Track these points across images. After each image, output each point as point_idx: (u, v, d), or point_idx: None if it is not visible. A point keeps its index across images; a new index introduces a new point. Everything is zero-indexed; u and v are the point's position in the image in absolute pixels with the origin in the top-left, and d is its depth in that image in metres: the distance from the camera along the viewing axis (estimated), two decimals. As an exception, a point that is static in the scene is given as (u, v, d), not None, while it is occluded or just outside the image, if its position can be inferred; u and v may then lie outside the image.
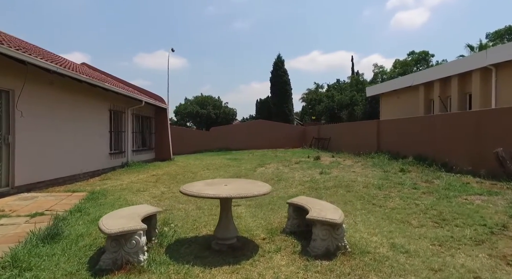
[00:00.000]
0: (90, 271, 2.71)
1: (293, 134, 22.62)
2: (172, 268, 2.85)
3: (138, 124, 13.46)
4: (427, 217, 4.42)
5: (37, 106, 6.97)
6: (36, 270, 2.71)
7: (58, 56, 11.07)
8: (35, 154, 6.85)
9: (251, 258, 3.11)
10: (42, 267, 2.77)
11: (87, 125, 9.02)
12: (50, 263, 2.84)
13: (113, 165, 10.58)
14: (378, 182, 6.99)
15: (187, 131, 23.91)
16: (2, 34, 7.58)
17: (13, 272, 2.69)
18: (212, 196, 3.03)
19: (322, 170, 8.97)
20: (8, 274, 2.67)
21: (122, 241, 2.76)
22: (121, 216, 3.11)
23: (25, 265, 2.78)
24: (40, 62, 6.15)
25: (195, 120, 52.98)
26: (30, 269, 2.76)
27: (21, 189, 6.48)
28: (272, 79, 40.33)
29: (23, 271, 2.72)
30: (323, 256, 3.12)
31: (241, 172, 9.93)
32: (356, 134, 14.93)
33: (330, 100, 36.19)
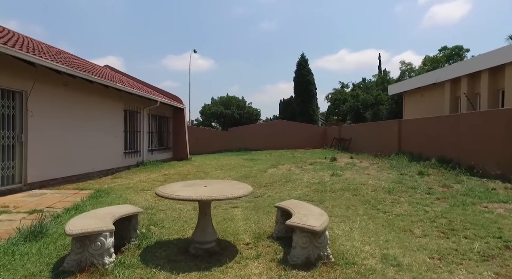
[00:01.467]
0: (53, 273, 2.66)
1: (314, 135, 22.11)
2: (138, 272, 2.74)
3: (155, 124, 13.73)
4: (434, 226, 4.00)
5: (50, 107, 7.25)
6: (1, 270, 2.71)
7: (84, 61, 11.56)
8: (47, 152, 7.12)
9: (225, 265, 2.93)
10: (8, 267, 2.77)
11: (101, 125, 9.28)
12: (18, 263, 2.84)
13: (128, 164, 10.84)
14: (390, 185, 6.53)
15: (206, 132, 24.15)
16: (25, 38, 7.99)
17: None
18: (182, 197, 2.88)
19: (334, 172, 8.58)
20: None
21: (87, 242, 2.69)
22: (94, 216, 3.05)
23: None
24: (49, 64, 6.37)
25: (219, 121, 53.59)
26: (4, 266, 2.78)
27: (34, 186, 6.76)
28: (296, 79, 39.85)
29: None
30: (303, 266, 2.87)
31: (251, 173, 9.76)
32: (377, 135, 14.25)
33: (355, 99, 35.01)
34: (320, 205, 5.33)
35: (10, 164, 6.45)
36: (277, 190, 6.79)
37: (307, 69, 39.50)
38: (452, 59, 31.78)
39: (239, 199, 5.21)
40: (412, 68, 35.79)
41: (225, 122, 51.76)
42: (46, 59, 6.46)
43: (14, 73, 6.35)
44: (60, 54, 9.43)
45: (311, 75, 39.88)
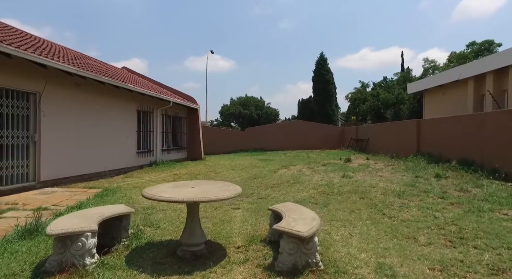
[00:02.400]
0: (34, 272, 2.67)
1: (331, 135, 21.63)
2: (119, 273, 2.70)
3: (169, 124, 13.91)
4: (441, 234, 3.70)
5: (62, 107, 7.47)
6: (-8, 266, 2.76)
7: (102, 63, 11.91)
8: (60, 151, 7.35)
9: (208, 269, 2.83)
10: (-3, 263, 2.82)
11: (113, 125, 9.49)
12: (4, 262, 2.88)
13: (141, 163, 11.03)
14: (401, 188, 6.19)
15: (222, 132, 24.26)
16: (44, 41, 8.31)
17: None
18: (164, 199, 2.81)
19: (345, 173, 8.29)
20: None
21: (68, 243, 2.68)
22: (80, 216, 3.05)
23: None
24: (59, 65, 6.56)
25: (237, 121, 53.82)
26: (-11, 264, 2.83)
27: (47, 184, 6.99)
28: (315, 78, 39.30)
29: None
30: (289, 273, 2.72)
31: (261, 173, 9.63)
32: (395, 135, 13.68)
33: (375, 99, 33.97)
34: (324, 207, 5.14)
35: (25, 163, 6.70)
36: (283, 192, 6.63)
37: (326, 68, 38.87)
38: (481, 55, 30.07)
39: (224, 201, 5.15)
40: (436, 66, 34.26)
41: (243, 122, 51.91)
42: (57, 61, 6.66)
43: (28, 75, 6.60)
44: (77, 57, 9.74)
45: (331, 75, 39.20)
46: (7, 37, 6.39)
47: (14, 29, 8.62)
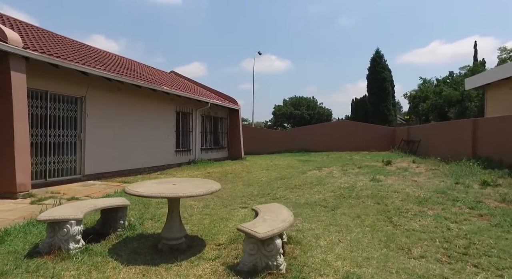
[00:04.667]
0: (29, 252, 3.10)
1: (381, 136, 20.27)
2: (96, 259, 2.98)
3: (210, 125, 14.53)
4: (443, 247, 3.27)
5: (105, 109, 8.38)
6: (4, 244, 3.29)
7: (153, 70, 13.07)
8: (102, 149, 8.26)
9: (175, 263, 2.95)
10: (8, 242, 3.33)
11: (152, 125, 10.30)
12: (15, 240, 3.39)
13: (179, 161, 11.75)
14: (427, 195, 5.58)
15: (267, 132, 24.43)
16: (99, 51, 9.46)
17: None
18: (136, 193, 3.01)
19: (375, 177, 7.75)
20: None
21: (56, 228, 3.05)
22: (75, 206, 3.44)
23: (1, 237, 3.42)
24: (99, 72, 7.38)
25: (289, 121, 53.57)
26: (3, 242, 3.37)
27: (90, 177, 7.92)
28: (369, 76, 37.28)
29: (1, 239, 3.36)
30: (247, 273, 2.70)
31: (290, 174, 9.52)
32: (448, 137, 12.26)
33: (437, 97, 30.75)
34: (330, 211, 4.91)
35: (72, 158, 7.70)
36: (300, 193, 6.48)
37: (383, 65, 36.55)
38: None
39: (197, 197, 5.27)
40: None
41: (295, 123, 51.48)
42: (99, 69, 7.51)
43: (74, 82, 7.55)
44: (127, 64, 10.84)
45: (387, 72, 36.75)
46: (64, 52, 7.43)
47: (92, 49, 10.01)
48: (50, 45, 7.53)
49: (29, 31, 8.12)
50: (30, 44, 6.56)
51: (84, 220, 4.15)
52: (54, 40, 8.53)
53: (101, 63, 8.56)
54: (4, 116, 5.81)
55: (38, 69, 6.54)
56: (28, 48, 6.13)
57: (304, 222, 4.35)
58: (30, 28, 8.76)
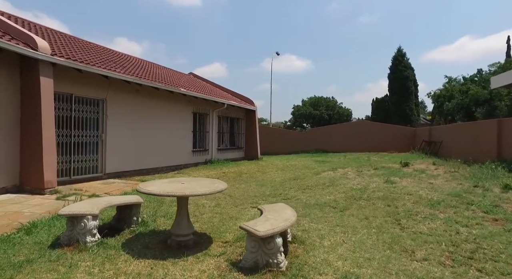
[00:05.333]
0: (52, 243, 3.37)
1: (401, 137, 19.76)
2: (110, 252, 3.20)
3: (227, 125, 14.78)
4: (448, 251, 3.24)
5: (125, 111, 8.77)
6: (32, 235, 3.59)
7: (171, 71, 13.49)
8: (122, 148, 8.65)
9: (182, 258, 3.12)
10: (36, 233, 3.64)
11: (170, 126, 10.64)
12: (41, 232, 3.69)
13: (196, 161, 12.05)
14: (441, 198, 5.47)
15: (285, 133, 24.42)
16: (118, 54, 9.92)
17: (18, 234, 3.64)
18: (146, 191, 3.20)
19: (390, 179, 7.65)
20: (17, 235, 3.64)
21: (75, 222, 3.30)
22: (92, 203, 3.69)
23: (30, 228, 3.73)
24: (118, 75, 7.75)
25: (308, 121, 53.15)
26: (30, 233, 3.68)
27: (110, 176, 8.32)
28: (391, 75, 36.43)
29: (27, 230, 3.68)
30: (249, 270, 2.82)
31: (304, 175, 9.54)
32: (472, 138, 11.81)
33: (464, 96, 29.47)
34: (339, 212, 4.94)
35: (95, 157, 8.12)
36: (312, 194, 6.52)
37: (405, 63, 35.60)
38: None
39: (205, 196, 5.40)
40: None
41: (313, 123, 51.00)
42: (119, 73, 7.89)
43: (97, 85, 7.97)
44: (146, 67, 11.27)
45: (410, 71, 35.74)
46: (88, 57, 7.88)
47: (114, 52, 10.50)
48: (75, 50, 8.00)
49: (58, 38, 8.65)
50: (58, 50, 7.01)
51: (102, 216, 4.46)
52: (79, 45, 9.04)
53: (121, 66, 8.97)
54: (33, 118, 6.25)
55: (64, 73, 6.97)
56: (55, 54, 6.56)
57: (311, 222, 4.41)
58: (59, 35, 9.32)
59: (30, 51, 6.02)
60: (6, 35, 6.13)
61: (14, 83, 6.33)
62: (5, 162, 6.16)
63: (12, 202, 5.61)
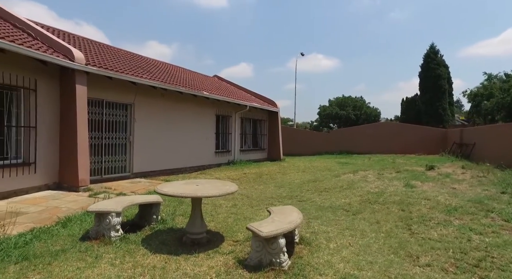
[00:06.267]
0: (82, 236, 3.78)
1: (430, 139, 18.99)
2: (130, 246, 3.54)
3: (249, 127, 15.06)
4: (455, 258, 3.24)
5: (151, 114, 9.31)
6: (66, 228, 4.05)
7: (197, 75, 14.05)
8: (148, 150, 9.18)
9: (194, 254, 3.38)
10: (69, 227, 4.09)
11: (193, 128, 11.09)
12: (73, 226, 4.13)
13: (219, 162, 12.44)
14: (460, 204, 5.34)
15: (308, 134, 24.32)
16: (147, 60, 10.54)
17: (56, 226, 4.11)
18: (162, 192, 3.50)
19: (410, 183, 7.51)
20: (55, 227, 4.11)
21: (101, 219, 3.68)
22: (117, 201, 4.07)
23: (65, 222, 4.20)
24: (145, 81, 8.26)
25: (334, 122, 52.30)
26: (66, 226, 4.14)
27: (137, 175, 8.88)
28: (422, 73, 34.98)
29: (63, 224, 4.14)
30: (253, 268, 3.02)
31: (324, 177, 9.58)
32: (506, 140, 11.16)
33: (505, 94, 27.56)
34: (351, 215, 5.00)
35: (123, 158, 8.71)
36: (327, 197, 6.59)
37: (438, 61, 34.05)
38: None
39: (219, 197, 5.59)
40: None
41: (340, 123, 50.12)
42: (145, 78, 8.41)
43: (126, 90, 8.54)
44: (171, 71, 11.83)
45: (443, 68, 34.13)
46: (118, 64, 8.48)
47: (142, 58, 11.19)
48: (106, 59, 8.63)
49: (92, 47, 9.37)
50: (91, 60, 7.63)
51: (126, 213, 4.87)
52: (110, 53, 9.71)
53: (148, 72, 9.52)
54: (70, 122, 6.87)
55: (96, 80, 7.57)
56: (89, 64, 7.15)
57: (322, 224, 4.52)
58: (93, 44, 10.08)
59: (68, 62, 6.63)
60: (50, 48, 6.79)
61: (55, 90, 6.99)
62: (47, 162, 6.82)
63: (53, 197, 6.22)
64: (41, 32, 7.28)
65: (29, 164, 6.46)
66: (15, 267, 2.99)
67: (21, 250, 3.34)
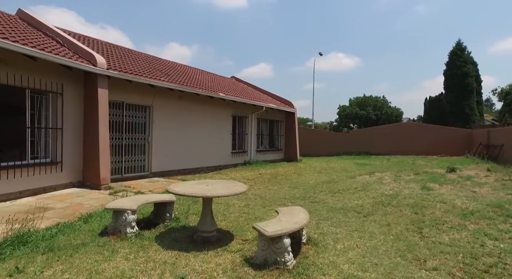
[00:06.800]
0: (101, 231, 4.02)
1: (455, 140, 18.32)
2: (145, 242, 3.73)
3: (266, 127, 15.16)
4: (464, 263, 3.18)
5: (169, 115, 9.62)
6: (87, 223, 4.32)
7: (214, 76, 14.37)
8: (165, 150, 9.50)
9: (203, 252, 3.52)
10: (90, 223, 4.36)
11: (211, 128, 11.33)
12: (94, 222, 4.40)
13: (235, 162, 12.62)
14: (478, 208, 5.19)
15: (327, 134, 24.10)
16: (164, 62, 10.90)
17: (78, 222, 4.40)
18: (174, 192, 3.67)
19: (427, 185, 7.34)
20: (78, 223, 4.40)
21: (118, 216, 3.91)
22: (132, 199, 4.30)
23: (86, 218, 4.48)
24: (163, 84, 8.56)
25: (354, 122, 51.35)
26: (87, 222, 4.42)
27: (156, 174, 9.20)
28: (447, 71, 33.64)
29: (85, 219, 4.42)
30: (259, 266, 3.12)
31: (338, 178, 9.52)
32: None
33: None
34: (362, 217, 5.00)
35: (142, 158, 9.06)
36: (340, 198, 6.58)
37: (465, 58, 32.67)
38: None
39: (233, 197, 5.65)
40: None
41: (360, 123, 49.15)
42: (163, 81, 8.71)
43: (145, 93, 8.88)
44: (189, 73, 12.15)
45: (471, 66, 32.71)
46: (137, 68, 8.85)
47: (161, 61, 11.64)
48: (127, 62, 9.02)
49: (114, 52, 9.81)
50: (112, 64, 8.01)
51: (143, 211, 5.10)
52: (130, 57, 10.13)
53: (166, 75, 9.84)
54: (92, 124, 7.26)
55: (117, 84, 7.93)
56: (110, 68, 7.52)
57: (331, 226, 4.55)
58: (115, 48, 10.54)
59: (91, 67, 7.01)
60: (75, 54, 7.21)
61: (80, 94, 7.41)
62: (72, 161, 7.24)
63: (77, 195, 6.61)
64: (67, 39, 7.74)
65: (56, 163, 6.89)
66: (42, 257, 3.26)
67: (47, 242, 3.63)
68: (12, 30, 6.43)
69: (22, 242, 3.57)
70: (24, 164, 6.34)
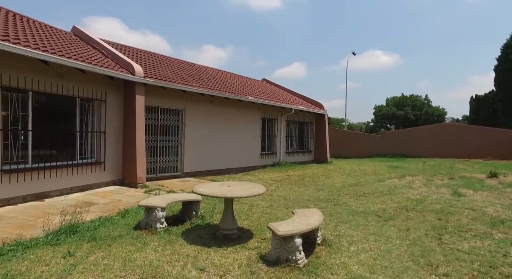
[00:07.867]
0: (135, 225, 4.51)
1: (503, 142, 16.99)
2: (172, 237, 4.14)
3: (295, 129, 15.27)
4: (479, 271, 3.16)
5: (200, 118, 10.16)
6: (124, 218, 4.86)
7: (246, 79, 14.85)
8: (197, 151, 10.05)
9: (223, 248, 3.83)
10: (128, 217, 4.89)
11: (240, 131, 11.74)
12: (130, 217, 4.92)
13: (264, 163, 12.91)
14: (511, 217, 4.94)
15: (359, 136, 23.51)
16: (199, 67, 11.53)
17: (117, 216, 4.95)
18: (197, 192, 4.03)
19: (459, 191, 7.06)
20: (117, 217, 4.95)
21: (150, 212, 4.36)
22: (163, 198, 4.75)
23: (124, 213, 5.03)
24: (194, 89, 9.09)
25: (391, 122, 49.27)
26: (124, 217, 4.95)
27: (187, 175, 9.77)
28: (499, 67, 30.98)
29: (122, 214, 4.96)
30: (272, 263, 3.36)
31: (366, 181, 9.42)
32: None
33: None
34: (382, 221, 5.03)
35: (175, 159, 9.68)
36: (364, 201, 6.58)
37: (522, 52, 29.90)
38: None
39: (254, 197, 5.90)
40: None
41: (397, 124, 47.06)
42: (194, 87, 9.26)
43: (178, 98, 9.49)
44: (220, 78, 12.69)
45: (527, 60, 29.88)
46: (171, 74, 9.50)
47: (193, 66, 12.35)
48: (162, 69, 9.70)
49: (150, 60, 10.58)
50: (149, 71, 8.69)
51: (173, 209, 5.56)
52: (165, 64, 10.85)
53: (198, 79, 10.39)
54: (131, 127, 7.96)
55: (153, 90, 8.59)
56: (146, 76, 8.19)
57: (349, 228, 4.65)
58: (151, 56, 11.34)
59: (130, 76, 7.71)
60: (117, 65, 7.97)
61: (120, 100, 8.16)
62: (113, 161, 8.00)
63: (117, 192, 7.31)
64: (111, 50, 8.55)
65: (100, 163, 7.66)
66: (87, 245, 3.79)
67: (91, 233, 4.19)
68: (68, 47, 7.25)
69: (72, 231, 4.16)
70: (75, 164, 7.16)
